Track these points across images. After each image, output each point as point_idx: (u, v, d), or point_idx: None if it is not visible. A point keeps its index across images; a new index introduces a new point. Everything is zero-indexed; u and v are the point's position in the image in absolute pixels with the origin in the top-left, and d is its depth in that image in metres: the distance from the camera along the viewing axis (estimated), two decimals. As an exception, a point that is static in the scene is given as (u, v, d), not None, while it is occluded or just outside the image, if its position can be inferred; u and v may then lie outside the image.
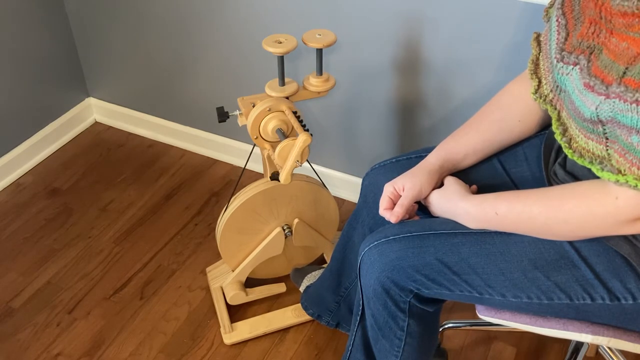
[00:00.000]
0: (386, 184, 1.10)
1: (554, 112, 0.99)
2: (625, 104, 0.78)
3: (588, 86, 0.85)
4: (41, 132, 2.11)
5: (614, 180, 0.83)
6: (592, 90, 0.84)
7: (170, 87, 2.05)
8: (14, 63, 1.95)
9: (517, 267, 0.97)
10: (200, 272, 1.72)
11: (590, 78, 0.85)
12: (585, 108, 0.86)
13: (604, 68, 0.83)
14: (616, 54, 0.82)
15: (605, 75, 0.83)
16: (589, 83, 0.85)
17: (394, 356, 1.12)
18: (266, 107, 1.31)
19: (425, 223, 1.05)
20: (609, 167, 0.84)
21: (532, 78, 1.04)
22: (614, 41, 0.83)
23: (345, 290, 1.41)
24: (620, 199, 0.84)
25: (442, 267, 1.00)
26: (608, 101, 0.81)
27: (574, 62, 0.90)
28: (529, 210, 0.93)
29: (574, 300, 0.96)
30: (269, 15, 1.69)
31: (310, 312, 1.51)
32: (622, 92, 0.79)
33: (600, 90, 0.83)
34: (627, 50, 0.80)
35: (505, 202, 0.96)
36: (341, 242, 1.38)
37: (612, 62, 0.82)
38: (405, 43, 1.56)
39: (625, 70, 0.79)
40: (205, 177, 2.05)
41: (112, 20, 1.99)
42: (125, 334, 1.56)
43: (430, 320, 1.12)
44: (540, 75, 1.03)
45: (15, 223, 1.88)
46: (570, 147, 0.93)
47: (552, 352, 1.51)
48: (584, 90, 0.86)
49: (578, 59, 0.89)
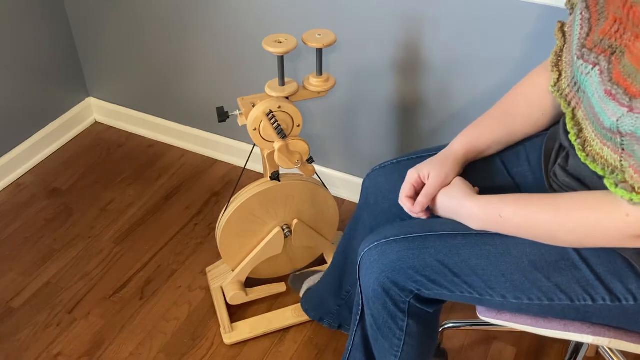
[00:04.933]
0: (410, 170, 1.06)
1: (567, 109, 0.97)
2: None
3: (609, 94, 0.82)
4: (41, 132, 2.11)
5: (627, 199, 0.81)
6: (613, 99, 0.81)
7: (170, 87, 2.05)
8: (14, 63, 1.95)
9: (518, 268, 0.96)
10: (200, 272, 1.72)
11: (612, 85, 0.82)
12: (605, 117, 0.83)
13: (627, 76, 0.80)
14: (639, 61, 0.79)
15: (628, 84, 0.79)
16: (611, 91, 0.82)
17: (393, 356, 1.12)
18: (251, 128, 1.33)
19: (425, 223, 1.05)
20: (622, 185, 0.82)
21: (553, 70, 1.01)
22: (639, 46, 0.79)
23: (347, 293, 1.41)
24: (631, 216, 0.82)
25: (443, 268, 0.99)
26: (631, 115, 0.78)
27: (593, 63, 0.87)
28: (535, 217, 0.92)
29: (575, 301, 0.95)
30: (269, 15, 1.69)
31: (312, 315, 1.51)
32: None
33: (623, 100, 0.80)
34: None
35: (511, 206, 0.95)
36: (342, 244, 1.38)
37: (636, 71, 0.79)
38: (406, 43, 1.56)
39: None
40: (205, 177, 2.05)
41: (112, 21, 1.99)
42: (125, 334, 1.56)
43: (429, 321, 1.12)
44: (562, 68, 1.00)
45: (15, 223, 1.88)
46: (584, 150, 0.91)
47: (552, 352, 1.51)
48: (605, 97, 0.83)
49: (598, 60, 0.86)
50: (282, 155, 1.31)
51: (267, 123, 1.31)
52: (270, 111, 1.32)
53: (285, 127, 1.35)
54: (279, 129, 1.31)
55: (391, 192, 1.16)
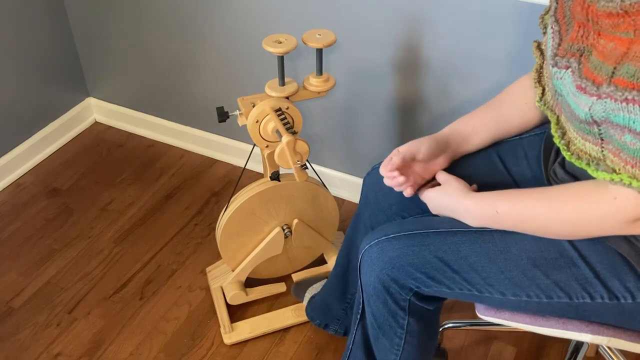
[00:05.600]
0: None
1: (553, 117, 1.00)
2: (616, 103, 0.79)
3: (580, 88, 0.86)
4: (41, 132, 2.11)
5: (608, 179, 0.84)
6: (584, 91, 0.85)
7: (170, 87, 2.05)
8: (14, 63, 1.95)
9: (517, 265, 0.97)
10: (200, 272, 1.72)
11: (582, 80, 0.86)
12: (579, 110, 0.87)
13: (594, 69, 0.84)
14: (604, 54, 0.83)
15: (595, 76, 0.84)
16: (581, 85, 0.86)
17: (393, 354, 1.12)
18: (254, 120, 1.32)
19: (425, 221, 1.05)
20: (603, 167, 0.85)
21: (536, 86, 1.05)
22: (602, 42, 0.84)
23: (352, 296, 1.40)
24: (618, 199, 0.84)
25: (442, 265, 1.00)
26: (600, 102, 0.82)
27: (565, 66, 0.91)
28: (530, 210, 0.94)
29: (574, 299, 0.96)
30: (269, 15, 1.70)
31: (317, 323, 1.51)
32: (612, 92, 0.79)
33: (591, 91, 0.84)
34: (614, 50, 0.81)
35: (507, 202, 0.96)
36: (344, 246, 1.38)
37: (602, 63, 0.83)
38: (405, 43, 1.56)
39: (614, 70, 0.80)
40: (205, 177, 2.05)
41: (112, 20, 1.99)
42: (125, 334, 1.56)
43: (430, 319, 1.12)
44: (544, 83, 1.04)
45: (15, 223, 1.88)
46: (568, 150, 0.94)
47: (552, 352, 1.51)
48: (577, 92, 0.87)
49: (569, 62, 0.90)
50: (289, 151, 1.29)
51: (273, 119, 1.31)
52: (279, 108, 1.32)
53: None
54: (287, 125, 1.31)
55: (391, 190, 1.16)
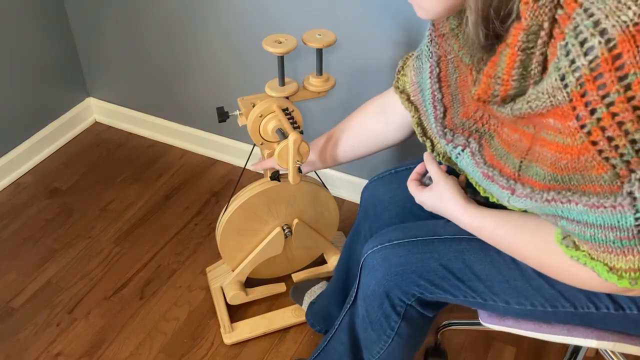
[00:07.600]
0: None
1: (462, 172, 0.98)
2: (537, 202, 0.77)
3: (487, 176, 0.83)
4: (41, 132, 2.11)
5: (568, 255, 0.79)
6: (492, 180, 0.83)
7: (170, 87, 2.05)
8: (14, 63, 1.95)
9: (521, 275, 0.95)
10: (200, 272, 1.72)
11: (487, 168, 0.83)
12: (497, 195, 0.84)
13: (500, 158, 0.81)
14: (509, 144, 0.80)
15: (502, 166, 0.81)
16: (487, 173, 0.83)
17: (379, 347, 1.12)
18: (257, 114, 1.32)
19: (429, 227, 1.04)
20: (566, 241, 0.80)
21: (424, 140, 1.03)
22: (506, 131, 0.81)
23: None
24: (594, 279, 0.79)
25: (446, 273, 0.99)
26: (518, 199, 0.79)
27: (463, 144, 0.88)
28: (513, 241, 0.90)
29: (578, 308, 0.94)
30: (269, 15, 1.69)
31: (318, 329, 1.51)
32: (529, 194, 0.77)
33: (501, 182, 0.81)
34: (519, 142, 0.78)
35: (492, 223, 0.92)
36: (344, 256, 1.38)
37: (507, 154, 0.80)
38: (405, 43, 1.56)
39: (520, 164, 0.78)
40: (205, 177, 2.05)
41: (112, 21, 1.99)
42: (125, 334, 1.56)
43: (422, 325, 1.12)
44: (431, 136, 1.02)
45: (15, 223, 1.88)
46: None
47: (552, 352, 1.51)
48: (484, 179, 0.84)
49: (468, 142, 0.87)
50: (294, 149, 1.28)
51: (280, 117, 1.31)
52: (286, 107, 1.32)
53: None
54: (295, 125, 1.31)
55: (390, 203, 1.16)
